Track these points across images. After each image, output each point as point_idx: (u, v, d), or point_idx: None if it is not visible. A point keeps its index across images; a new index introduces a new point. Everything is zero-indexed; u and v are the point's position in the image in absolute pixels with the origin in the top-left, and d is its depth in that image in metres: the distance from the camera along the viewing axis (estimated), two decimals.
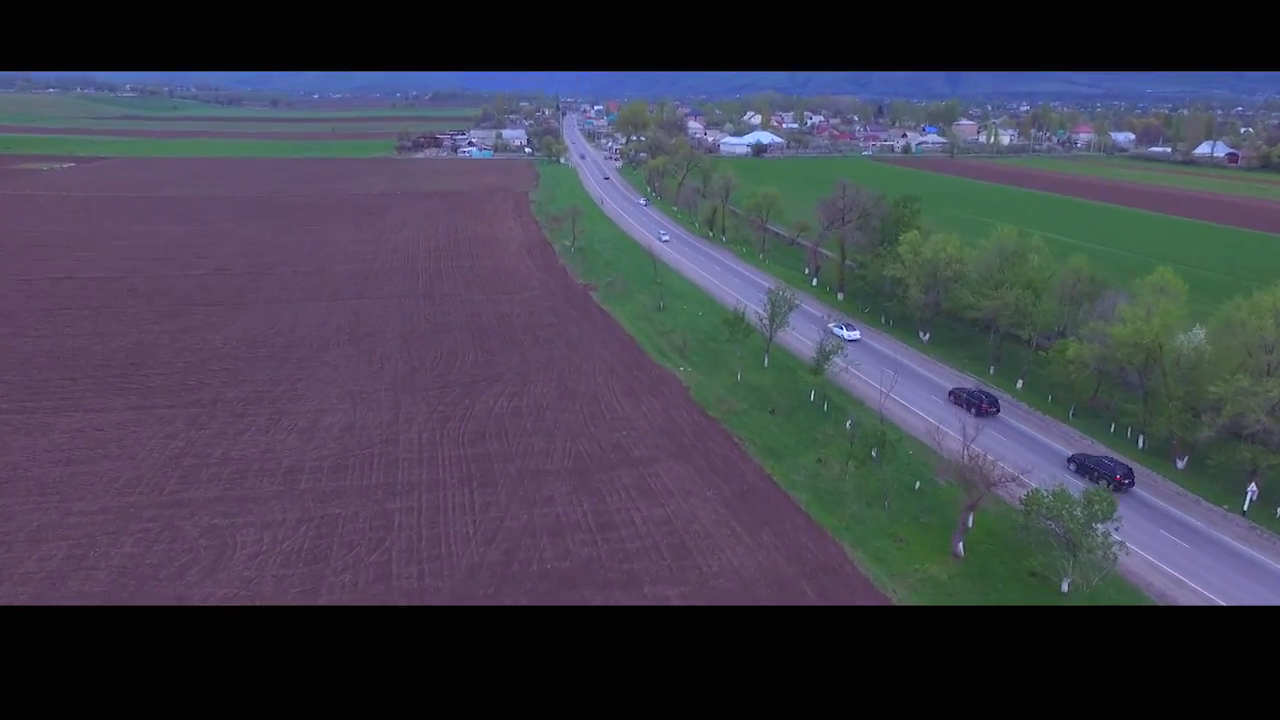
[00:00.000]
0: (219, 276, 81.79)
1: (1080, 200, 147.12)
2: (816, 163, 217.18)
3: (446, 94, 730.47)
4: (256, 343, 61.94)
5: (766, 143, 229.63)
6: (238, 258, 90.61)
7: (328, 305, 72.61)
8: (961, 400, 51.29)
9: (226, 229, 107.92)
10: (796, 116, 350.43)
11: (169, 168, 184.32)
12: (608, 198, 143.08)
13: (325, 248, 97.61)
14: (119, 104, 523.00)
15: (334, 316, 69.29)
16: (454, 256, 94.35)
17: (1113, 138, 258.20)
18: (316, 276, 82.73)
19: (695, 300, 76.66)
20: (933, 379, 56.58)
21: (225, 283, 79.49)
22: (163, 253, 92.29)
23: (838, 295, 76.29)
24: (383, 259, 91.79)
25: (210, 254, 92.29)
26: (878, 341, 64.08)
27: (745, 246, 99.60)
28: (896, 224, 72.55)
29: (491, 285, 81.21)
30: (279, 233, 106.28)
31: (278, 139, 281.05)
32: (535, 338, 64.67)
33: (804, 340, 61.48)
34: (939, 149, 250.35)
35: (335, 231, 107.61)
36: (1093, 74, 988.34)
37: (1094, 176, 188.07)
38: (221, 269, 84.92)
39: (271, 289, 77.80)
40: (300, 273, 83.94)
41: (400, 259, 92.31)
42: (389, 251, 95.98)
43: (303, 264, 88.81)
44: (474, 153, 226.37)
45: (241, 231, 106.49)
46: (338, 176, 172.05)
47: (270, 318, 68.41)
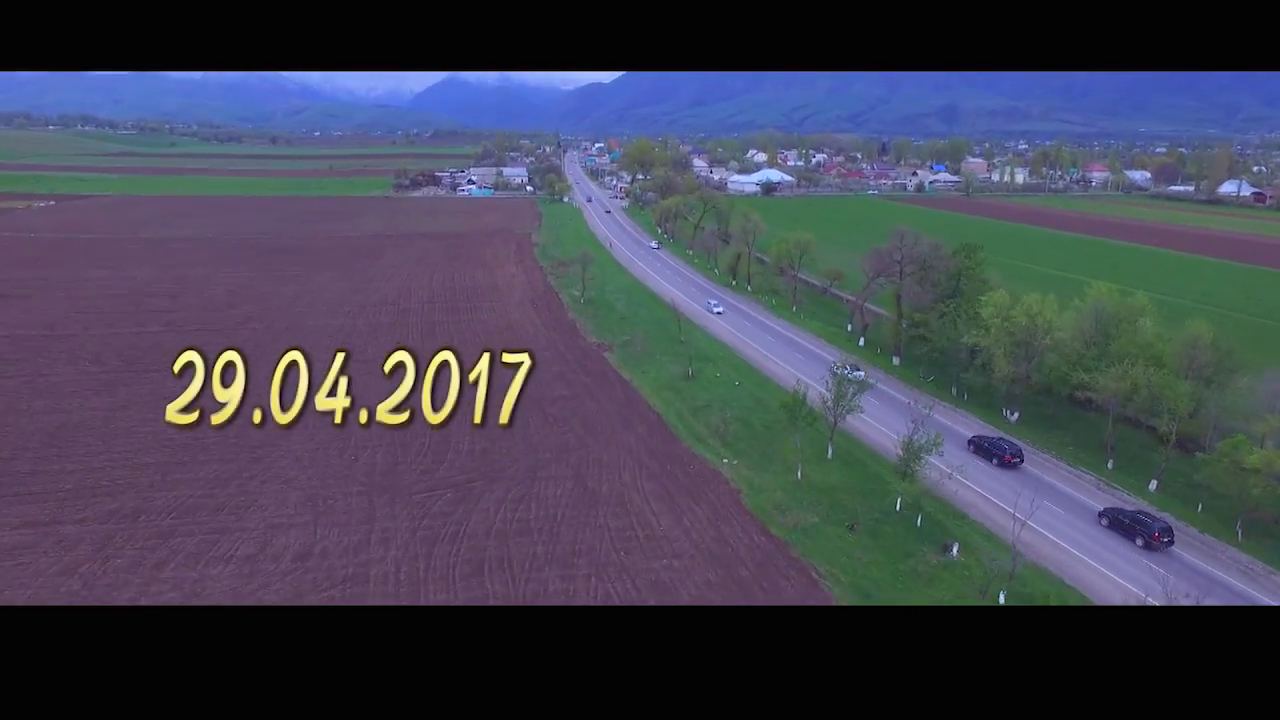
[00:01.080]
0: (178, 334, 71.33)
1: (1119, 243, 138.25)
2: (830, 202, 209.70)
3: (447, 131, 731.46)
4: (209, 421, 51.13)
5: (776, 181, 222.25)
6: (204, 310, 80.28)
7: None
8: (983, 450, 47.25)
9: (200, 275, 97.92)
10: (801, 154, 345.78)
11: (154, 206, 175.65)
12: (616, 240, 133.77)
13: (305, 297, 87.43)
14: (117, 140, 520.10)
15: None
16: (449, 309, 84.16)
17: (1129, 176, 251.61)
18: (291, 334, 72.24)
19: (728, 365, 66.24)
20: (1048, 481, 45.50)
21: (184, 340, 68.88)
22: (121, 303, 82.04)
23: (892, 359, 65.94)
24: (369, 312, 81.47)
25: (175, 305, 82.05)
26: (950, 418, 53.45)
27: (774, 298, 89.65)
28: (959, 277, 62.79)
29: (492, 344, 70.50)
30: (257, 279, 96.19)
31: (272, 176, 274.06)
32: (544, 415, 54.03)
33: (869, 421, 50.86)
34: (952, 187, 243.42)
35: (320, 278, 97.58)
36: (1087, 114, 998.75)
37: (1122, 217, 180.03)
38: (183, 324, 74.50)
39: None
40: (273, 329, 73.46)
41: (389, 312, 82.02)
42: (376, 303, 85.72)
43: (277, 318, 78.43)
44: (474, 191, 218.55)
45: (216, 278, 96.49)
46: (330, 216, 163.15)
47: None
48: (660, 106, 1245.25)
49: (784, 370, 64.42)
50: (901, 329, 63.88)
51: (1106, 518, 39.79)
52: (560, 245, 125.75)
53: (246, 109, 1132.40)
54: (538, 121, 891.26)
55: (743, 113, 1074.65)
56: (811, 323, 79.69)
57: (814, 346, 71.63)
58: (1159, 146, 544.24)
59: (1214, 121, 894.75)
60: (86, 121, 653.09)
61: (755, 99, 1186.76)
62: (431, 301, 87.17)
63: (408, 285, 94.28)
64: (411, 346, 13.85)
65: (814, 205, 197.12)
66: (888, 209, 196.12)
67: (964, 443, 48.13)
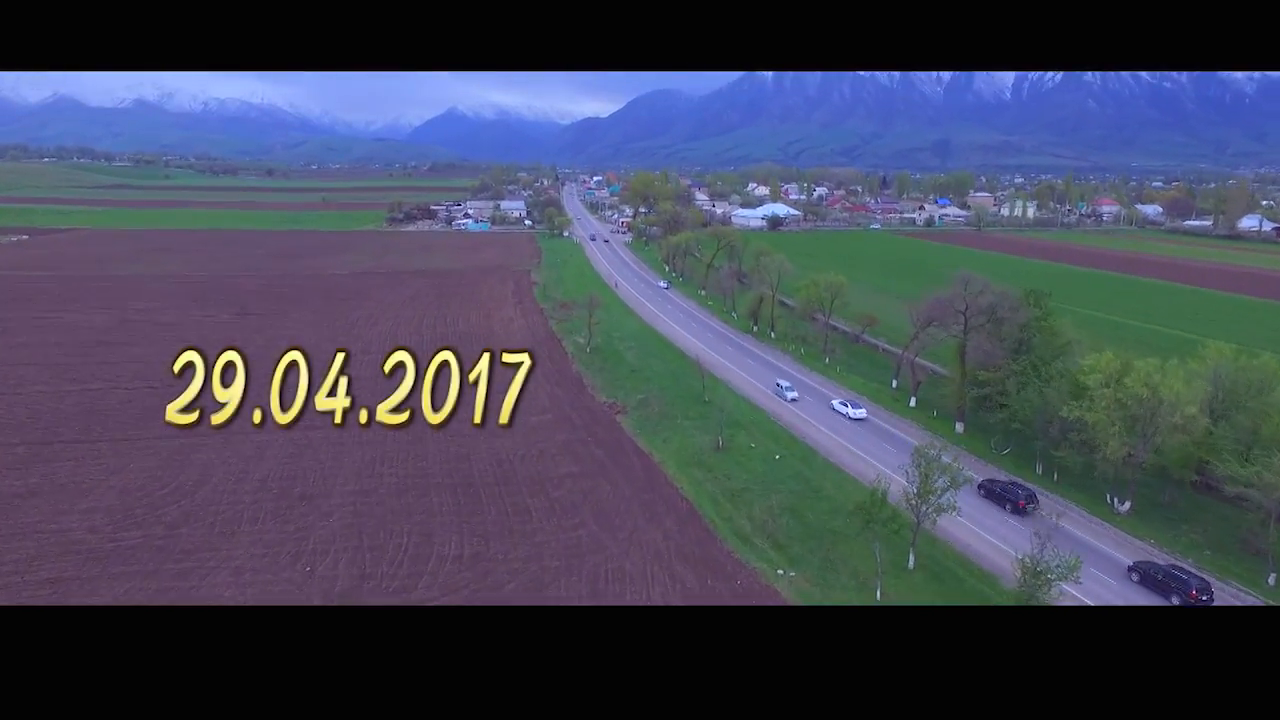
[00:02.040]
0: (122, 395, 61.59)
1: (1151, 280, 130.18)
2: (838, 236, 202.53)
3: (445, 164, 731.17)
4: (134, 516, 41.33)
5: (782, 215, 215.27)
6: (159, 362, 70.52)
7: (257, 444, 52.28)
8: (994, 494, 44.44)
9: (165, 320, 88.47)
10: (802, 188, 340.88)
11: (135, 241, 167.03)
12: (621, 279, 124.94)
13: (277, 346, 77.52)
14: (111, 173, 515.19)
15: (261, 464, 48.91)
16: None
17: (1141, 210, 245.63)
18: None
19: (763, 432, 56.69)
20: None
21: (126, 405, 59.23)
22: (65, 354, 72.41)
23: (955, 426, 56.51)
24: (347, 366, 71.85)
25: (127, 356, 72.42)
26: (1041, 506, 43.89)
27: (802, 346, 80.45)
28: (1027, 329, 53.89)
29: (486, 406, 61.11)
30: (227, 324, 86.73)
31: (265, 209, 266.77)
32: (549, 503, 44.34)
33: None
34: (961, 222, 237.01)
35: (296, 323, 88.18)
36: (1078, 148, 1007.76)
37: (1149, 253, 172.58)
38: (129, 383, 64.74)
39: None
40: None
41: (370, 364, 72.20)
42: (357, 354, 75.68)
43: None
44: (470, 225, 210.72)
45: (182, 323, 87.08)
46: (318, 251, 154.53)
47: (170, 466, 47.98)
48: (657, 140, 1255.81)
49: (830, 440, 54.95)
50: (966, 391, 54.54)
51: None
52: (562, 284, 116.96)
53: (246, 142, 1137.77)
54: (535, 155, 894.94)
55: (738, 147, 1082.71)
56: (850, 377, 70.35)
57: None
58: (1155, 180, 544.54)
59: (1204, 157, 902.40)
60: (83, 154, 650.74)
61: (751, 133, 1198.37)
62: (419, 350, 77.75)
63: (393, 330, 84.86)
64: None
65: (822, 240, 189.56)
66: (899, 244, 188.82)
67: (1043, 530, 38.48)
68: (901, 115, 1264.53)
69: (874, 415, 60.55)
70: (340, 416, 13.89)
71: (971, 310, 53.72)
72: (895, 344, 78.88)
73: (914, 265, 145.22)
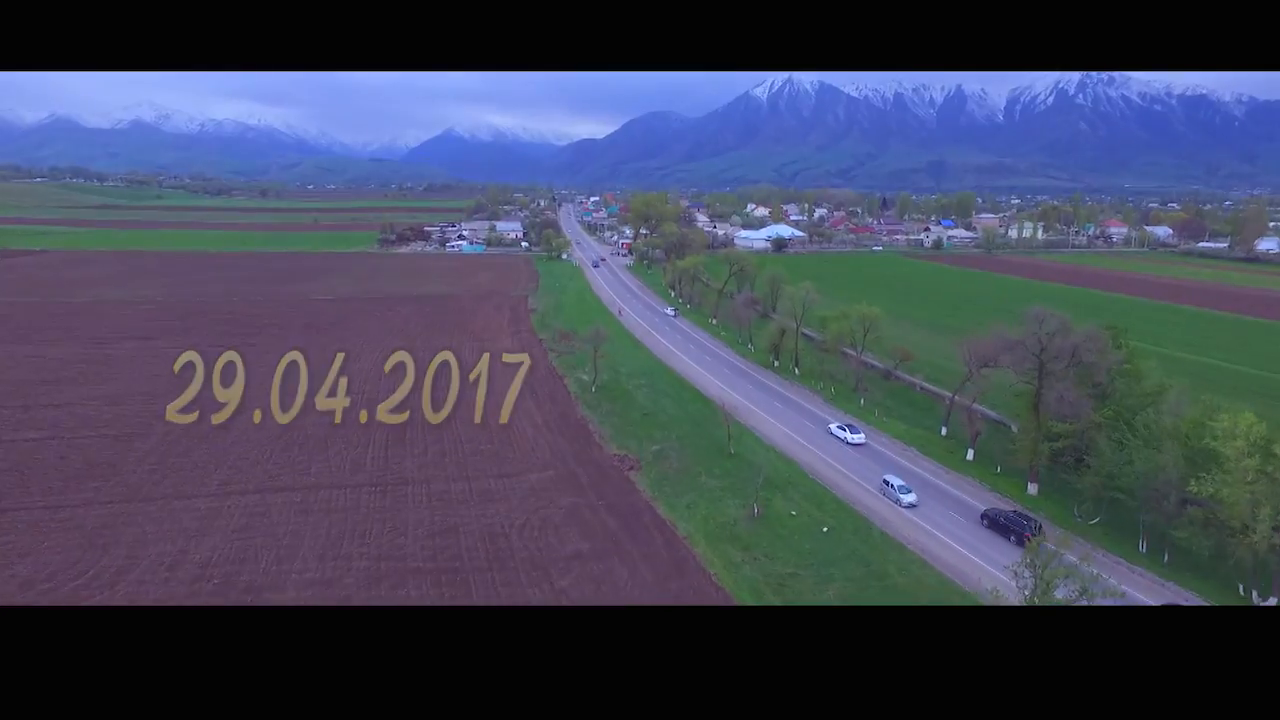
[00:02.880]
0: (59, 447, 53.00)
1: (1188, 308, 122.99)
2: (847, 259, 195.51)
3: (440, 185, 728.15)
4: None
5: (787, 237, 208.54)
6: (105, 406, 62.09)
7: (203, 512, 43.82)
8: (998, 525, 42.19)
9: (121, 355, 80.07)
10: (803, 209, 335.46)
11: (109, 263, 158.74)
12: (625, 306, 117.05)
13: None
14: (102, 193, 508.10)
15: (204, 541, 40.45)
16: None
17: (1153, 232, 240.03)
18: (208, 445, 54.13)
19: (804, 493, 48.37)
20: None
21: (61, 461, 50.65)
22: (3, 396, 63.79)
23: (1027, 487, 48.32)
24: (311, 414, 63.48)
25: (76, 397, 63.95)
26: (1148, 590, 35.70)
27: (831, 384, 72.41)
28: (1112, 374, 46.23)
29: (477, 460, 52.84)
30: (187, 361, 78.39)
31: (252, 230, 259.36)
32: (554, 595, 36.04)
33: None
34: (969, 244, 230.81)
35: (268, 358, 79.92)
36: (1072, 170, 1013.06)
37: (1175, 277, 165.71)
38: (71, 431, 56.15)
39: (127, 474, 49.00)
40: (186, 438, 55.18)
41: (343, 410, 64.14)
42: (328, 395, 67.77)
43: (178, 440, 59.59)
44: (464, 247, 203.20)
45: (140, 358, 78.64)
46: (304, 275, 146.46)
47: (93, 545, 39.49)
48: (652, 161, 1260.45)
49: (882, 504, 46.73)
50: (1042, 447, 46.42)
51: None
52: (561, 312, 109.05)
53: (242, 163, 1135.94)
54: (531, 175, 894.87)
55: (734, 168, 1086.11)
56: (891, 423, 62.20)
57: (910, 463, 54.00)
58: (1151, 201, 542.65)
59: (1195, 179, 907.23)
60: (77, 174, 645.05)
61: (746, 155, 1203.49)
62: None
63: (375, 368, 76.66)
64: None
65: (830, 262, 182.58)
66: (910, 267, 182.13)
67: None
68: (896, 137, 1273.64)
69: (926, 470, 52.48)
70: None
71: (1049, 353, 45.81)
72: (933, 381, 71.19)
73: (932, 290, 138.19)
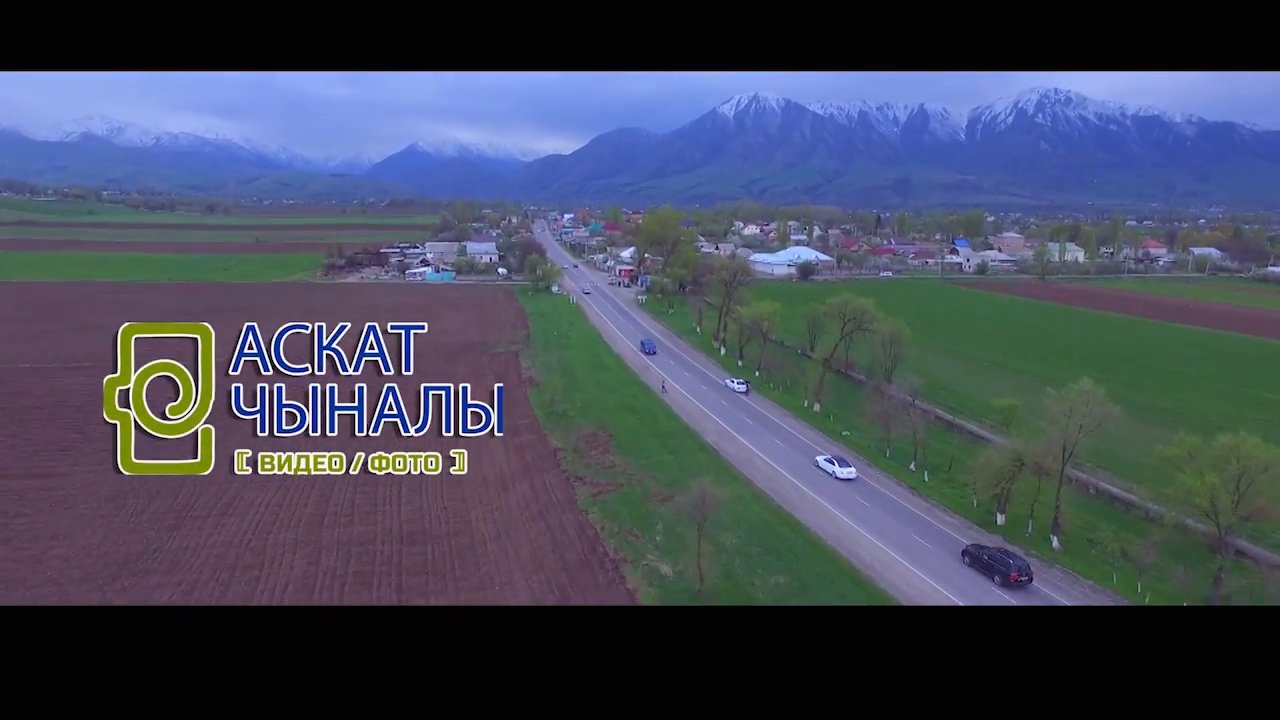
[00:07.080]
0: None
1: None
2: (895, 288, 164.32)
3: (403, 200, 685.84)
4: None
5: (813, 261, 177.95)
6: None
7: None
8: (980, 563, 37.13)
9: None
10: (803, 227, 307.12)
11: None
12: (665, 373, 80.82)
13: (35, 553, 34.41)
14: (26, 208, 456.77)
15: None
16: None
17: (1209, 254, 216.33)
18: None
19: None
20: None
21: None
22: None
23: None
24: None
25: None
26: None
27: (1116, 569, 39.72)
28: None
29: None
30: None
31: (186, 251, 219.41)
32: None
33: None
34: (1013, 268, 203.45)
35: (79, 509, 44.44)
36: (1034, 188, 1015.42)
37: (1266, 310, 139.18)
38: None
39: None
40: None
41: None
42: (147, 594, 33.29)
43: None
44: (429, 275, 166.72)
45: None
46: (204, 317, 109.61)
47: None
48: (620, 178, 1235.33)
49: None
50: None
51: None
52: (575, 384, 74.21)
53: (197, 177, 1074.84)
54: (498, 191, 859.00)
55: (702, 184, 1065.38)
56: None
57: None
58: (1130, 220, 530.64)
59: (1154, 196, 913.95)
60: (8, 187, 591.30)
61: (714, 171, 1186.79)
62: (327, 595, 34.83)
63: (264, 537, 41.76)
64: None
65: (879, 294, 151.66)
66: (971, 299, 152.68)
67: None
68: (862, 154, 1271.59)
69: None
70: None
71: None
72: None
73: (1039, 336, 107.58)
